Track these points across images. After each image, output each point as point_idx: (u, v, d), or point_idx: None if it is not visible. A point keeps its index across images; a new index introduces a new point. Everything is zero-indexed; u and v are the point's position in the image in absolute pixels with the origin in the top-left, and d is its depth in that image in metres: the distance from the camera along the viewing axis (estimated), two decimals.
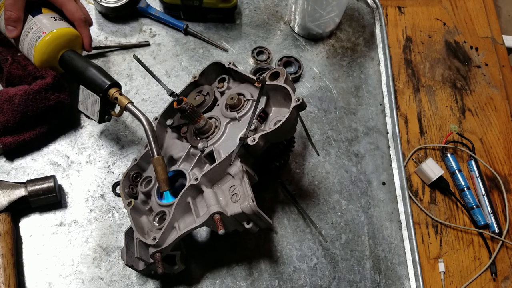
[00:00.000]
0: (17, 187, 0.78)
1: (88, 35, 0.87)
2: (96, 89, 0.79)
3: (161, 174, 0.73)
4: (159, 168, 0.73)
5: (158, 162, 0.74)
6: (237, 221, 0.69)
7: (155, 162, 0.74)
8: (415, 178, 0.95)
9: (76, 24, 0.85)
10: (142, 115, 0.77)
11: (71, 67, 0.82)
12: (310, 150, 0.93)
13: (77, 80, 0.81)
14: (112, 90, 0.78)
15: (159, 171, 0.73)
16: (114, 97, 0.78)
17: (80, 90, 0.82)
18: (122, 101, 0.78)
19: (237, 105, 0.76)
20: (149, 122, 0.77)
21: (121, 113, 0.82)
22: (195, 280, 0.79)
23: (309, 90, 1.00)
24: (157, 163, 0.74)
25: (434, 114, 1.02)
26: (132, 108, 0.77)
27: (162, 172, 0.73)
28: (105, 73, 0.79)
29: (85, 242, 0.80)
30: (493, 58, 1.10)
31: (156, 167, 0.74)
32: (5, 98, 0.80)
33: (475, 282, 0.86)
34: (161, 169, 0.73)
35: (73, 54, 0.82)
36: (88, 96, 0.80)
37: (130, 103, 0.78)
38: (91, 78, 0.79)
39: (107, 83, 0.78)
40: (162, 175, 0.73)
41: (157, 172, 0.74)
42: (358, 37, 1.08)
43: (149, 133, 0.75)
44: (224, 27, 1.04)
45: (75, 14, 0.85)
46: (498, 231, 0.90)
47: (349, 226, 0.87)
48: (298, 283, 0.81)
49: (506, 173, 0.97)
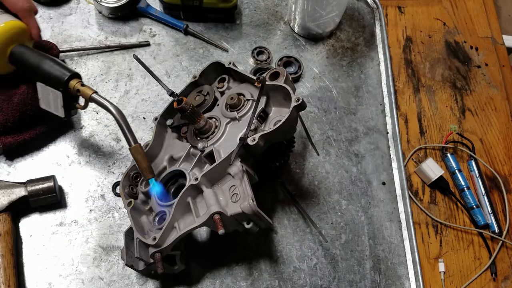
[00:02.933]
0: (17, 187, 0.78)
1: (35, 24, 0.80)
2: (55, 83, 0.73)
3: (142, 162, 0.70)
4: (139, 157, 0.70)
5: (137, 151, 0.70)
6: (237, 221, 0.69)
7: (134, 151, 0.69)
8: (415, 178, 0.95)
9: (20, 15, 0.78)
10: (110, 104, 0.71)
11: (24, 63, 0.75)
12: (310, 150, 0.93)
13: (32, 76, 0.75)
14: (73, 82, 0.73)
15: (139, 159, 0.70)
16: (76, 89, 0.72)
17: (38, 87, 0.76)
18: (86, 92, 0.72)
19: (237, 105, 0.76)
20: (119, 111, 0.72)
21: (87, 105, 0.76)
22: (195, 280, 0.79)
23: (309, 90, 1.00)
24: (135, 152, 0.70)
25: (434, 114, 1.02)
26: (98, 98, 0.72)
27: (142, 160, 0.70)
28: (62, 65, 0.74)
29: (85, 242, 0.80)
30: (493, 58, 1.10)
31: (136, 156, 0.70)
32: (4, 98, 0.79)
33: (475, 282, 0.86)
34: (141, 158, 0.70)
35: (24, 49, 0.76)
36: (48, 92, 0.75)
37: (94, 93, 0.72)
38: (47, 72, 0.73)
39: (66, 74, 0.72)
40: (143, 163, 0.70)
41: (137, 161, 0.70)
42: (358, 37, 1.08)
43: (121, 122, 0.71)
44: (224, 27, 1.04)
45: (18, 4, 0.77)
46: (498, 231, 0.90)
47: (349, 226, 0.87)
48: (298, 283, 0.81)
49: (506, 173, 0.97)
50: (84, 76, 0.94)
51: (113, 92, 0.94)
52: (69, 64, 0.95)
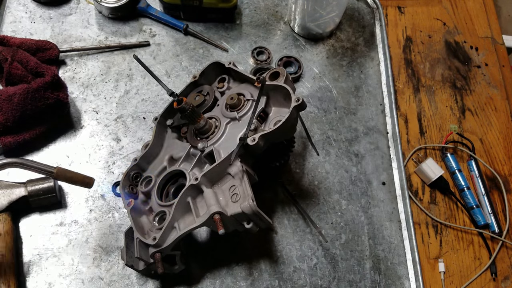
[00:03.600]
0: (17, 187, 0.78)
1: None
2: None
3: (75, 177, 0.67)
4: (69, 175, 0.67)
5: (62, 172, 0.66)
6: (237, 221, 0.69)
7: (60, 173, 0.66)
8: (415, 178, 0.95)
9: None
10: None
11: None
12: (310, 150, 0.93)
13: None
14: None
15: (71, 176, 0.67)
16: None
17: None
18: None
19: (237, 105, 0.76)
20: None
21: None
22: (195, 280, 0.79)
23: (309, 90, 1.00)
24: (61, 173, 0.66)
25: (434, 114, 1.01)
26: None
27: (74, 175, 0.67)
28: None
29: (85, 242, 0.80)
30: (493, 58, 1.10)
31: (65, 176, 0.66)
32: (4, 97, 0.80)
33: (475, 282, 0.86)
34: (71, 174, 0.67)
35: None
36: None
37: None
38: None
39: None
40: (77, 176, 0.67)
41: (70, 179, 0.67)
42: (358, 37, 1.08)
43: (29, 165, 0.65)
44: (224, 27, 1.04)
45: None
46: (498, 231, 0.90)
47: (349, 226, 0.87)
48: (298, 283, 0.81)
49: (506, 173, 0.97)
50: (84, 76, 0.95)
51: (113, 92, 0.94)
52: (69, 64, 0.95)
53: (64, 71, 0.95)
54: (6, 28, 0.97)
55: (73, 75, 0.95)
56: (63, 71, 0.94)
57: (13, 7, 1.00)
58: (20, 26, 0.98)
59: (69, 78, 0.94)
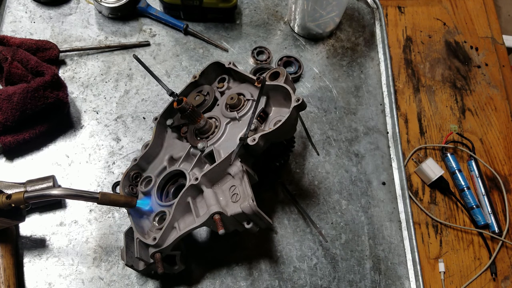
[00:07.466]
0: (17, 187, 0.78)
1: None
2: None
3: (118, 200, 0.70)
4: (112, 197, 0.69)
5: (106, 197, 0.68)
6: (237, 221, 0.69)
7: (104, 198, 0.68)
8: (415, 178, 0.95)
9: None
10: (51, 189, 0.67)
11: None
12: (310, 150, 0.93)
13: None
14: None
15: (114, 199, 0.69)
16: (6, 204, 0.65)
17: None
18: (18, 197, 0.65)
19: (237, 105, 0.76)
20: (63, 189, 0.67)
21: (28, 206, 0.74)
22: (195, 280, 0.79)
23: (309, 90, 1.00)
24: (105, 198, 0.68)
25: (434, 114, 1.01)
26: (32, 193, 0.65)
27: (117, 198, 0.70)
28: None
29: (85, 242, 0.80)
30: (493, 58, 1.10)
31: (110, 199, 0.69)
32: (4, 97, 0.79)
33: (475, 282, 0.86)
34: (114, 197, 0.69)
35: None
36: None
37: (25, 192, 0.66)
38: None
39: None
40: (120, 199, 0.70)
41: (114, 202, 0.69)
42: (358, 37, 1.08)
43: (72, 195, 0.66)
44: (224, 27, 1.04)
45: None
46: (498, 231, 0.90)
47: (349, 226, 0.87)
48: (298, 283, 0.81)
49: (506, 173, 0.97)
50: (84, 76, 0.95)
51: (113, 92, 0.94)
52: (69, 64, 0.95)
53: (64, 71, 0.95)
54: (6, 28, 0.97)
55: (73, 75, 0.95)
56: (63, 71, 0.95)
57: (13, 7, 1.00)
58: (20, 26, 0.98)
59: (69, 78, 0.94)
